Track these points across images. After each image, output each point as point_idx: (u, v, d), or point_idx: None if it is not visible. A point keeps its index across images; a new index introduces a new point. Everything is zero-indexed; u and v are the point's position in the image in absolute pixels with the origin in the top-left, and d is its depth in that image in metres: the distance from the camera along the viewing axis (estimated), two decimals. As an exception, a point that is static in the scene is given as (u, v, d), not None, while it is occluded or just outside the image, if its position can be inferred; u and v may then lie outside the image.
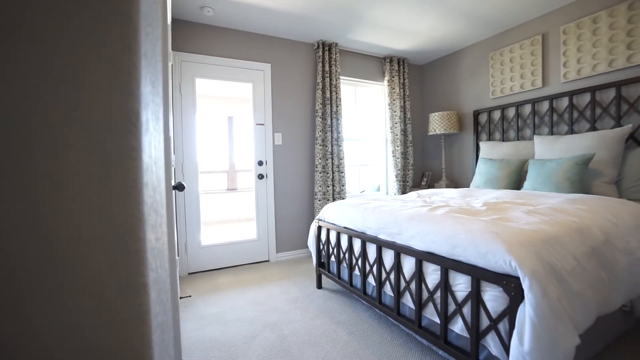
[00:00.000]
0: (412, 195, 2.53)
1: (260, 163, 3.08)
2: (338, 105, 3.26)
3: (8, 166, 0.23)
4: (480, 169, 2.86)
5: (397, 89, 3.68)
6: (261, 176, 3.08)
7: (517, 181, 2.57)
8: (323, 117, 3.20)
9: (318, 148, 3.18)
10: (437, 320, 1.36)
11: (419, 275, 1.43)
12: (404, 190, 3.75)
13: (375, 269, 1.73)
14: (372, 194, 3.89)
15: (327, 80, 3.20)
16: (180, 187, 1.28)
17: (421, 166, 4.13)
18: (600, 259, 1.28)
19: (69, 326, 0.25)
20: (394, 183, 3.69)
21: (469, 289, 1.21)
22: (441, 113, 3.43)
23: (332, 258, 2.21)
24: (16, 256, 0.24)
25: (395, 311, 1.58)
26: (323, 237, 2.32)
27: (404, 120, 3.78)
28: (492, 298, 1.12)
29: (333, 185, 3.28)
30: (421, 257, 1.40)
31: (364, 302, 1.97)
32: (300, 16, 2.73)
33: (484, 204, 1.83)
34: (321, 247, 2.35)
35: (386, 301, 1.71)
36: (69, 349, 0.25)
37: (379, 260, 1.68)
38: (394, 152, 3.67)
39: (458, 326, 1.26)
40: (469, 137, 3.52)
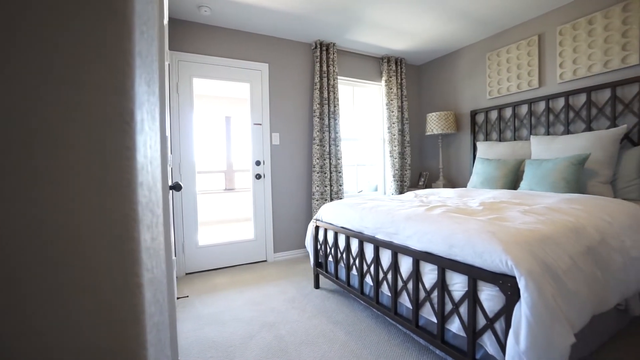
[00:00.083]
0: (410, 195, 2.54)
1: (258, 163, 3.08)
2: (336, 105, 3.26)
3: (7, 166, 0.23)
4: (477, 169, 2.88)
5: (394, 89, 3.69)
6: (259, 176, 3.08)
7: (513, 181, 2.59)
8: (321, 117, 3.20)
9: (316, 148, 3.18)
10: (434, 320, 1.37)
11: (416, 274, 1.43)
12: (401, 190, 3.76)
13: (372, 269, 1.73)
14: (370, 194, 3.90)
15: (325, 80, 3.20)
16: (177, 187, 1.28)
17: (419, 166, 4.14)
18: (596, 258, 1.29)
19: (66, 326, 0.25)
20: (391, 183, 3.70)
21: (466, 288, 1.21)
22: (438, 113, 3.44)
23: (330, 258, 2.21)
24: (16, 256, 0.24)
25: (393, 311, 1.58)
26: (321, 237, 2.32)
27: (401, 120, 3.79)
28: (489, 297, 1.13)
29: (331, 185, 3.28)
30: (418, 257, 1.41)
31: (362, 301, 1.97)
32: (298, 16, 2.73)
33: (481, 204, 1.84)
34: (319, 247, 2.35)
35: (383, 301, 1.71)
36: (64, 348, 0.25)
37: (377, 260, 1.69)
38: (391, 152, 3.68)
39: (455, 325, 1.27)
40: (466, 137, 3.53)
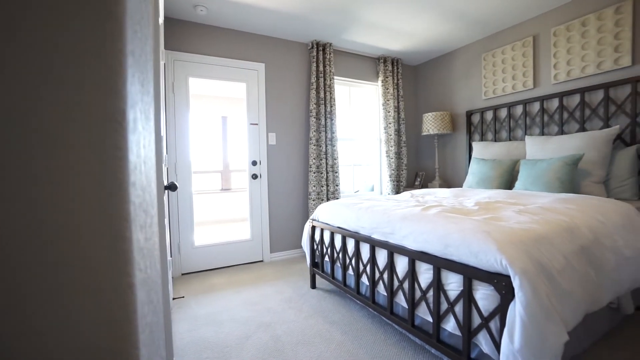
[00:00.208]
0: (406, 195, 2.55)
1: (254, 163, 3.07)
2: (332, 105, 3.26)
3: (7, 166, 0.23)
4: (472, 169, 2.89)
5: (391, 89, 3.70)
6: (255, 176, 3.07)
7: (509, 181, 2.60)
8: (317, 117, 3.21)
9: (312, 148, 3.18)
10: (430, 319, 1.37)
11: (412, 274, 1.44)
12: (397, 190, 3.77)
13: (368, 269, 1.74)
14: (366, 194, 3.91)
15: (322, 80, 3.20)
16: (172, 187, 1.27)
17: (415, 166, 4.16)
18: (589, 258, 1.30)
19: (66, 326, 0.25)
20: (387, 183, 3.71)
21: (461, 287, 1.22)
22: (434, 113, 3.46)
23: (326, 258, 2.22)
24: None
25: (389, 310, 1.59)
26: (317, 237, 2.32)
27: (397, 121, 3.80)
28: (484, 297, 1.13)
29: (327, 185, 3.29)
30: (414, 257, 1.41)
31: (358, 301, 1.98)
32: (295, 16, 2.73)
33: (476, 204, 1.85)
34: (315, 247, 2.35)
35: (379, 301, 1.71)
36: (62, 348, 0.25)
37: (373, 260, 1.69)
38: (387, 152, 3.69)
39: (450, 325, 1.27)
40: (462, 137, 3.55)
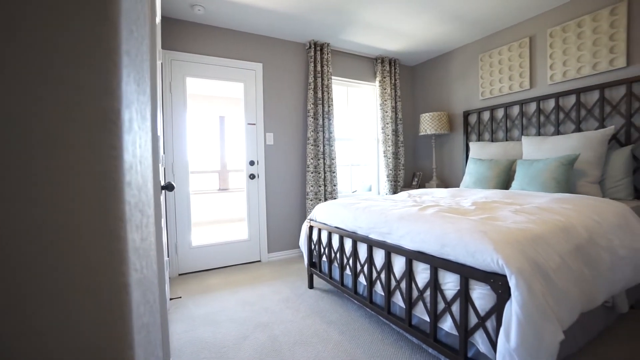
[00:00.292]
0: (403, 195, 2.55)
1: (252, 163, 3.07)
2: (330, 105, 3.26)
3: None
4: (469, 169, 2.90)
5: (388, 90, 3.70)
6: (252, 176, 3.07)
7: (505, 181, 2.62)
8: (315, 117, 3.21)
9: (310, 148, 3.18)
10: (427, 319, 1.38)
11: (409, 274, 1.44)
12: (395, 190, 3.78)
13: (366, 269, 1.74)
14: (364, 194, 3.91)
15: (319, 80, 3.20)
16: (169, 187, 1.27)
17: (412, 166, 4.17)
18: (585, 257, 1.31)
19: (66, 326, 0.25)
20: (385, 183, 3.72)
21: (458, 287, 1.22)
22: (432, 114, 3.47)
23: (324, 258, 2.22)
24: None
25: (386, 310, 1.59)
26: (314, 237, 2.32)
27: (395, 121, 3.81)
28: (480, 296, 1.14)
29: (325, 185, 3.29)
30: (411, 257, 1.42)
31: (355, 301, 1.98)
32: (292, 16, 2.73)
33: (473, 204, 1.86)
34: (313, 247, 2.35)
35: (377, 300, 1.72)
36: (61, 348, 0.25)
37: (370, 259, 1.69)
38: (385, 152, 3.70)
39: (447, 324, 1.28)
40: (459, 137, 3.56)
